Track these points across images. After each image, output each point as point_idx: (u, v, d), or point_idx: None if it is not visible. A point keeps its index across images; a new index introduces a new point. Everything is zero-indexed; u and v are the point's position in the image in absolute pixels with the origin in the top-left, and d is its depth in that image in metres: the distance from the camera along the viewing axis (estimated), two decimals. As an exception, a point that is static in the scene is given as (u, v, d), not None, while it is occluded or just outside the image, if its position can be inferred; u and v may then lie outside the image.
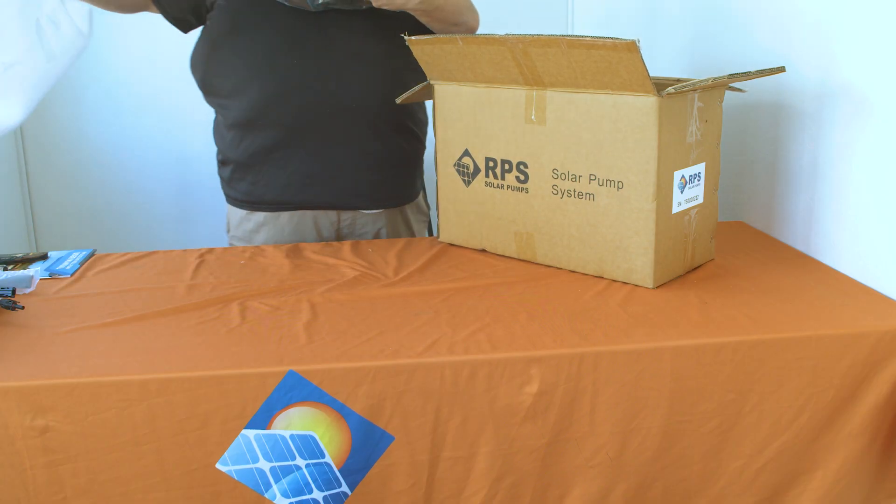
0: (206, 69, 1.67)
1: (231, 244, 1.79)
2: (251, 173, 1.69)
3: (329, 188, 1.68)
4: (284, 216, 1.71)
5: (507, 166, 1.45)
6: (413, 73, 1.64)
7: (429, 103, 1.59)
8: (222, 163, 1.75)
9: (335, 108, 1.63)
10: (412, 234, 1.81)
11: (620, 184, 1.31)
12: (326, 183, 1.67)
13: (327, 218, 1.72)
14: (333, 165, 1.67)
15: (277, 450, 1.10)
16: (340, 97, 1.62)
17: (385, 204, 1.74)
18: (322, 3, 1.55)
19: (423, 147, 1.81)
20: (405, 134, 1.73)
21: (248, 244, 1.74)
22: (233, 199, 1.76)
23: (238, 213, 1.75)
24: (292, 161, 1.66)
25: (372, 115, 1.65)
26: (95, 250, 1.60)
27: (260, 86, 1.61)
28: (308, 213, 1.71)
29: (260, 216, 1.72)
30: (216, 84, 1.67)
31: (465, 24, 1.69)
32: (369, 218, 1.73)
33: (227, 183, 1.76)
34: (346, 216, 1.72)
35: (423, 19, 1.60)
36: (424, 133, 1.80)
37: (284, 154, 1.66)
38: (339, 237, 1.74)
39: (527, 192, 1.44)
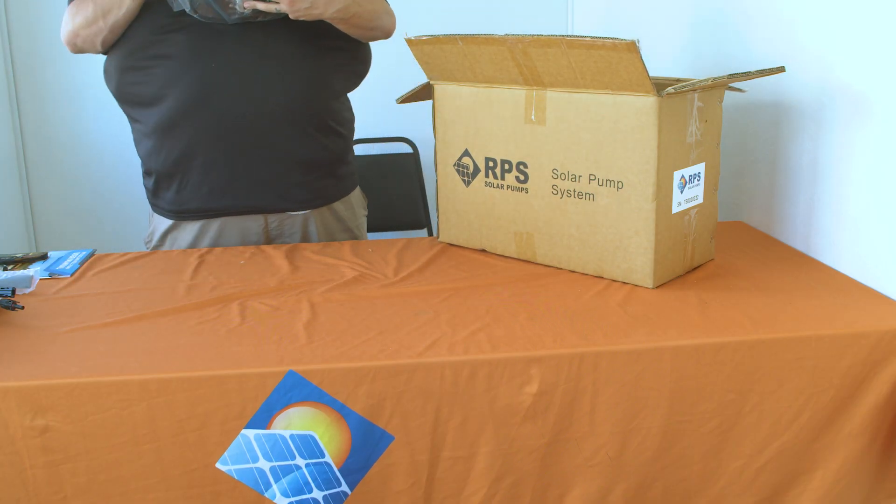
0: (120, 77, 1.64)
1: None
2: (175, 182, 1.67)
3: (254, 192, 1.67)
4: (213, 224, 1.69)
5: (506, 166, 1.45)
6: (340, 74, 1.68)
7: (425, 105, 1.59)
8: (146, 173, 1.73)
9: (256, 110, 1.62)
10: (347, 230, 1.81)
11: (620, 184, 1.31)
12: (251, 187, 1.66)
13: (255, 222, 1.71)
14: (257, 169, 1.65)
15: (277, 449, 1.10)
16: (261, 99, 1.61)
17: (312, 204, 1.73)
18: (238, 17, 1.55)
19: (350, 144, 1.80)
20: (328, 133, 1.72)
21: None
22: (160, 210, 1.73)
23: (165, 222, 1.72)
24: (215, 167, 1.64)
25: (294, 117, 1.65)
26: (95, 250, 1.60)
27: (179, 90, 1.59)
28: (235, 220, 1.70)
29: (189, 225, 1.70)
30: (133, 91, 1.63)
31: (381, 28, 1.70)
32: (297, 218, 1.73)
33: (153, 193, 1.73)
34: (273, 219, 1.72)
35: (340, 26, 1.62)
36: (351, 131, 1.80)
37: (206, 160, 1.64)
38: (269, 240, 1.73)
39: (526, 192, 1.44)
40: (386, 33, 1.73)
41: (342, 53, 1.71)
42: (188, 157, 1.64)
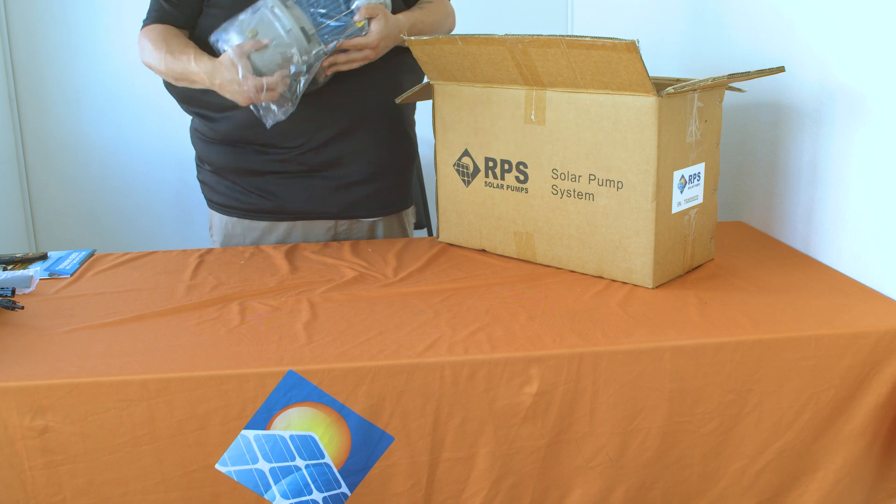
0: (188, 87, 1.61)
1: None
2: (244, 184, 1.69)
3: (329, 200, 1.67)
4: (281, 224, 1.70)
5: (506, 166, 1.45)
6: (409, 76, 1.68)
7: (425, 105, 1.59)
8: (211, 172, 1.73)
9: (335, 120, 1.62)
10: (405, 234, 1.82)
11: (620, 184, 1.31)
12: (327, 195, 1.67)
13: (324, 225, 1.71)
14: (334, 178, 1.66)
15: (277, 450, 1.10)
16: (340, 109, 1.61)
17: (383, 212, 1.74)
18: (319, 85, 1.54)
19: (416, 149, 1.81)
20: (402, 138, 1.73)
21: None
22: (220, 206, 1.74)
23: (224, 219, 1.74)
24: (293, 176, 1.65)
25: (371, 123, 1.65)
26: (95, 250, 1.60)
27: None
28: (305, 222, 1.70)
29: (248, 223, 1.71)
30: (203, 98, 1.63)
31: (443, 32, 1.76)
32: (366, 224, 1.74)
33: (213, 189, 1.74)
34: (343, 223, 1.72)
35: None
36: (416, 135, 1.81)
37: (283, 168, 1.64)
38: (335, 240, 1.73)
39: (526, 192, 1.44)
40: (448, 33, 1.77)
41: (408, 54, 1.69)
42: (262, 164, 1.64)
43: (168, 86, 1.68)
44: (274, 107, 1.49)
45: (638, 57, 1.20)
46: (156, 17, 1.63)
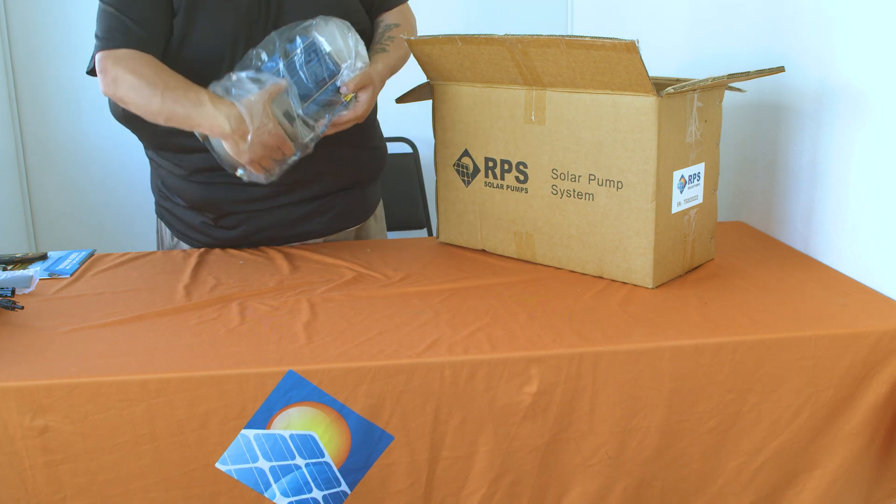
0: (158, 126, 1.45)
1: None
2: (227, 221, 1.61)
3: (302, 224, 1.63)
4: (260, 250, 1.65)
5: (506, 166, 1.45)
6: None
7: (425, 105, 1.59)
8: (184, 207, 1.64)
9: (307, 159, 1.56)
10: (382, 231, 1.83)
11: (620, 184, 1.31)
12: (313, 217, 1.64)
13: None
14: (319, 200, 1.63)
15: (277, 449, 1.10)
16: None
17: (361, 220, 1.73)
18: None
19: (385, 153, 1.79)
20: (370, 150, 1.71)
21: None
22: (191, 240, 1.66)
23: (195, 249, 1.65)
24: (277, 206, 1.60)
25: (339, 144, 1.62)
26: (95, 250, 1.60)
27: None
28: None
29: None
30: (174, 142, 1.53)
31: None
32: (350, 231, 1.73)
33: (187, 224, 1.65)
34: (329, 237, 1.70)
35: None
36: (383, 140, 1.78)
37: (266, 200, 1.59)
38: None
39: (526, 192, 1.44)
40: None
41: None
42: (245, 199, 1.59)
43: (134, 125, 1.56)
44: (262, 176, 1.43)
45: (638, 57, 1.20)
46: (123, 41, 1.41)
